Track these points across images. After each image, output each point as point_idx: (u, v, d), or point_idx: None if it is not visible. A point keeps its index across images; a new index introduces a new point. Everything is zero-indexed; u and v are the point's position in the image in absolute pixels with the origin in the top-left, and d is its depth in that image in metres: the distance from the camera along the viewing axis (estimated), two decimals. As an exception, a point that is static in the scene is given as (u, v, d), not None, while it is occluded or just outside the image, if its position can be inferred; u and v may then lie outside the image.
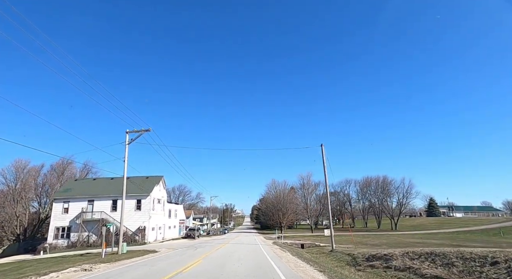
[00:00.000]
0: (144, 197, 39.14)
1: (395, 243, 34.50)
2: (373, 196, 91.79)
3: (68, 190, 40.11)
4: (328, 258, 18.04)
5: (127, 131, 25.06)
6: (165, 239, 44.26)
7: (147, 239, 37.69)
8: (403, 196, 79.34)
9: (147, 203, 39.06)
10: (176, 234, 51.40)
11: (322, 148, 22.96)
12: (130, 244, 35.41)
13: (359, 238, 45.95)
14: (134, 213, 38.62)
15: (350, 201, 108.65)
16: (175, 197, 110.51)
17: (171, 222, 48.78)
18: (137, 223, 38.06)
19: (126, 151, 24.79)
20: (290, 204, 74.66)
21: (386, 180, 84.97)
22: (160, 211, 42.96)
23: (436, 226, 72.29)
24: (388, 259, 12.23)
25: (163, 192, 45.27)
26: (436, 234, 52.43)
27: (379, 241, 39.76)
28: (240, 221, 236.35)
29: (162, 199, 43.99)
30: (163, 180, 44.71)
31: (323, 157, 22.87)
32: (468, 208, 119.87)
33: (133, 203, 38.91)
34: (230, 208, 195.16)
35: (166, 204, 46.25)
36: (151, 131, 25.12)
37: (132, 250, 24.87)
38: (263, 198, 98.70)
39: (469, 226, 64.42)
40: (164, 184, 45.55)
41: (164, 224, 44.69)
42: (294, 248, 25.31)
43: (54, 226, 37.41)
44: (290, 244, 29.03)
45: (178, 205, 54.49)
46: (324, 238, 47.36)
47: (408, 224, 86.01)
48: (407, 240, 41.29)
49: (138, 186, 39.68)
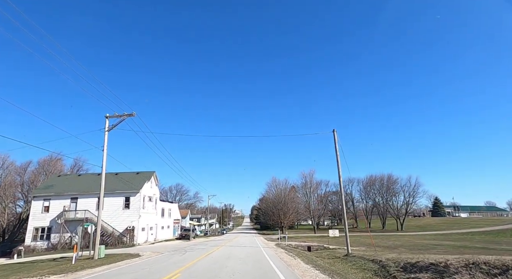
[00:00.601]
0: (133, 194, 35.65)
1: (411, 245, 31.00)
2: (377, 195, 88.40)
3: (49, 187, 36.59)
4: (347, 265, 14.58)
5: (107, 116, 21.59)
6: (158, 240, 40.77)
7: (136, 241, 34.22)
8: (409, 195, 75.84)
9: (136, 201, 35.57)
10: (170, 234, 47.90)
11: (335, 133, 19.54)
12: (117, 246, 31.97)
13: (366, 239, 42.48)
14: (122, 212, 35.13)
15: (353, 200, 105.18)
16: (172, 197, 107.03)
17: (165, 221, 45.27)
18: (125, 223, 34.56)
19: (106, 139, 21.30)
20: (291, 203, 71.18)
21: (391, 178, 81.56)
22: (151, 210, 39.47)
23: (444, 227, 68.83)
24: (442, 271, 8.80)
25: (155, 189, 41.78)
26: (448, 235, 48.95)
27: (391, 242, 36.29)
28: (240, 221, 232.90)
29: (154, 196, 40.49)
30: (155, 176, 41.21)
31: (336, 145, 19.43)
32: (476, 208, 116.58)
33: (120, 201, 35.44)
34: (229, 208, 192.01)
35: (158, 202, 42.75)
36: (135, 116, 21.64)
37: (113, 254, 21.38)
38: (263, 198, 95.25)
39: (481, 226, 60.99)
40: (157, 181, 42.06)
41: (156, 224, 41.19)
42: (300, 251, 21.85)
43: (33, 227, 33.90)
44: (295, 247, 25.55)
45: (173, 204, 50.98)
46: (329, 239, 43.83)
47: (413, 224, 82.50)
48: (421, 241, 37.83)
49: (127, 182, 36.23)
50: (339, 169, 19.05)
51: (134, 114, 21.63)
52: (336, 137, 19.51)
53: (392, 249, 25.91)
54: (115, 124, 21.65)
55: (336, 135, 19.55)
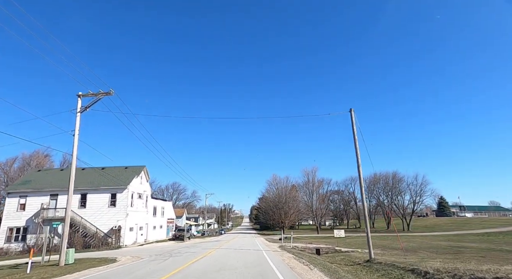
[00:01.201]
0: (120, 190, 32.18)
1: (430, 247, 27.54)
2: (381, 194, 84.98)
3: (26, 182, 33.11)
4: (375, 275, 11.14)
5: (79, 95, 18.14)
6: (148, 241, 37.30)
7: (122, 242, 30.76)
8: (416, 194, 72.38)
9: (123, 198, 32.09)
10: (163, 235, 44.42)
11: (352, 113, 16.14)
12: (101, 248, 28.48)
13: (377, 240, 39.02)
14: (108, 210, 31.66)
15: (355, 199, 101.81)
16: (168, 196, 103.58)
17: (157, 221, 41.78)
18: (111, 222, 31.10)
19: (77, 122, 17.86)
20: (293, 202, 67.79)
21: (396, 176, 78.05)
22: (141, 208, 35.99)
23: (454, 227, 65.44)
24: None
25: (146, 185, 38.30)
26: (463, 236, 45.48)
27: (405, 243, 32.87)
28: (239, 221, 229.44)
29: (144, 193, 37.02)
30: (145, 171, 37.73)
31: (353, 126, 16.03)
32: (483, 208, 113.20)
33: (106, 198, 31.96)
34: (228, 208, 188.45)
35: (150, 200, 39.28)
36: (112, 94, 18.20)
37: (86, 259, 17.91)
38: (263, 197, 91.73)
39: (493, 227, 57.63)
40: (147, 176, 38.56)
41: (147, 223, 37.71)
42: (309, 255, 18.41)
43: (7, 227, 30.39)
44: (302, 249, 22.13)
45: (166, 202, 47.48)
46: (337, 240, 40.47)
47: (420, 224, 79.02)
48: (438, 242, 34.41)
49: (113, 178, 32.78)
50: (357, 155, 15.64)
51: (112, 93, 18.19)
52: (354, 118, 16.11)
53: (414, 252, 22.49)
54: (89, 104, 18.22)
55: (354, 116, 16.14)
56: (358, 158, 15.65)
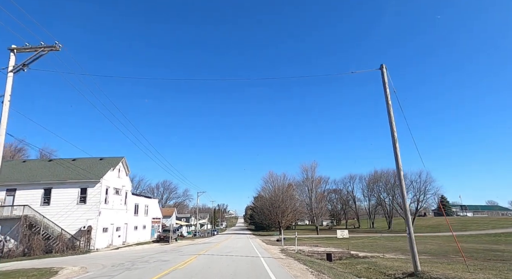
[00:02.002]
0: (91, 184, 27.39)
1: (467, 252, 23.33)
2: (382, 192, 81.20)
3: (-21, 175, 28.07)
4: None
5: (13, 49, 13.44)
6: (127, 243, 32.54)
7: (94, 245, 26.02)
8: (419, 192, 68.61)
9: (95, 193, 27.30)
10: (147, 236, 39.64)
11: (384, 71, 11.78)
12: (66, 253, 23.68)
13: (385, 242, 34.88)
14: (76, 208, 26.85)
15: (354, 198, 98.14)
16: (159, 194, 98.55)
17: (139, 220, 36.99)
18: (80, 222, 26.30)
19: (9, 84, 13.10)
20: (290, 200, 63.54)
21: (399, 173, 74.01)
22: (118, 205, 31.21)
23: (460, 227, 61.80)
24: None
25: (126, 180, 33.48)
26: (477, 237, 41.62)
27: (422, 246, 28.66)
28: (234, 221, 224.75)
29: (123, 189, 32.24)
30: (124, 163, 32.93)
31: (386, 87, 11.66)
32: (485, 207, 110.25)
33: (74, 193, 27.14)
34: (223, 208, 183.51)
35: (130, 197, 34.50)
36: (59, 49, 13.54)
37: (21, 270, 13.19)
38: (259, 196, 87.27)
39: (504, 227, 54.06)
40: (127, 169, 33.74)
41: (126, 223, 32.94)
42: (318, 261, 13.97)
43: (-48, 227, 25.34)
44: (309, 254, 17.71)
45: (151, 199, 42.62)
46: (338, 241, 36.24)
47: (422, 224, 75.19)
48: (470, 245, 30.19)
49: (84, 170, 28.01)
50: (392, 126, 11.28)
51: (57, 48, 13.47)
52: (386, 77, 11.73)
53: (447, 257, 18.23)
54: (27, 62, 13.52)
55: (386, 74, 11.76)
56: (394, 129, 11.32)
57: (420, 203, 69.18)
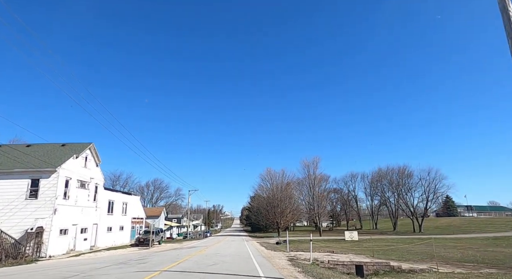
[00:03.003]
0: (45, 174, 21.74)
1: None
2: (387, 191, 75.89)
3: None
4: None
5: None
6: (97, 248, 26.91)
7: (45, 251, 20.37)
8: (429, 190, 63.51)
9: (51, 186, 21.65)
10: (126, 238, 33.96)
11: None
12: (5, 263, 18.06)
13: (400, 245, 29.56)
14: (25, 204, 21.17)
15: (356, 198, 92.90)
16: (149, 194, 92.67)
17: (114, 220, 31.32)
18: (28, 222, 20.64)
19: None
20: (290, 198, 58.21)
21: (406, 170, 69.03)
22: (85, 202, 25.56)
23: (474, 228, 56.94)
24: None
25: (95, 171, 27.78)
26: (501, 239, 36.46)
27: (452, 251, 23.42)
28: (229, 223, 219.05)
29: (91, 181, 26.58)
30: (93, 151, 27.20)
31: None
32: (493, 208, 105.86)
33: (23, 185, 21.47)
34: (218, 209, 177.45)
35: (102, 192, 28.84)
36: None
37: None
38: (255, 195, 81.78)
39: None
40: (97, 158, 27.97)
41: (96, 223, 27.30)
42: (343, 276, 8.59)
43: None
44: (331, 265, 12.38)
45: (131, 196, 36.74)
46: (349, 244, 30.97)
47: (430, 225, 70.05)
48: (492, 248, 25.10)
49: (36, 159, 22.38)
50: None
51: None
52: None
53: None
54: None
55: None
56: None
57: (430, 203, 64.00)
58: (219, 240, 42.07)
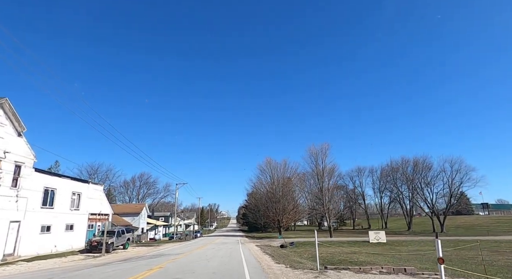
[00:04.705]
0: None
1: None
2: (401, 186, 67.51)
3: None
4: None
5: None
6: (17, 257, 18.12)
7: None
8: (453, 185, 55.06)
9: None
10: (79, 241, 25.14)
11: None
12: None
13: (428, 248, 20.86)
14: None
15: (363, 194, 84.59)
16: (135, 190, 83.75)
17: (56, 217, 22.47)
18: None
19: None
20: (292, 193, 49.81)
21: (425, 162, 60.51)
22: None
23: (506, 227, 48.80)
24: None
25: (15, 142, 18.89)
26: None
27: None
28: (226, 222, 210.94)
29: (6, 157, 17.74)
30: (7, 109, 18.28)
31: None
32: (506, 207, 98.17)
33: None
34: (214, 208, 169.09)
35: (32, 175, 20.00)
36: None
37: None
38: (253, 192, 73.13)
39: None
40: (16, 123, 18.97)
41: (17, 220, 18.51)
42: None
43: None
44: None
45: (87, 184, 27.31)
46: (377, 249, 22.51)
47: (449, 224, 61.34)
48: None
49: None
50: None
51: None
52: None
53: None
54: None
55: None
56: None
57: (453, 198, 55.60)
58: (207, 243, 33.47)
